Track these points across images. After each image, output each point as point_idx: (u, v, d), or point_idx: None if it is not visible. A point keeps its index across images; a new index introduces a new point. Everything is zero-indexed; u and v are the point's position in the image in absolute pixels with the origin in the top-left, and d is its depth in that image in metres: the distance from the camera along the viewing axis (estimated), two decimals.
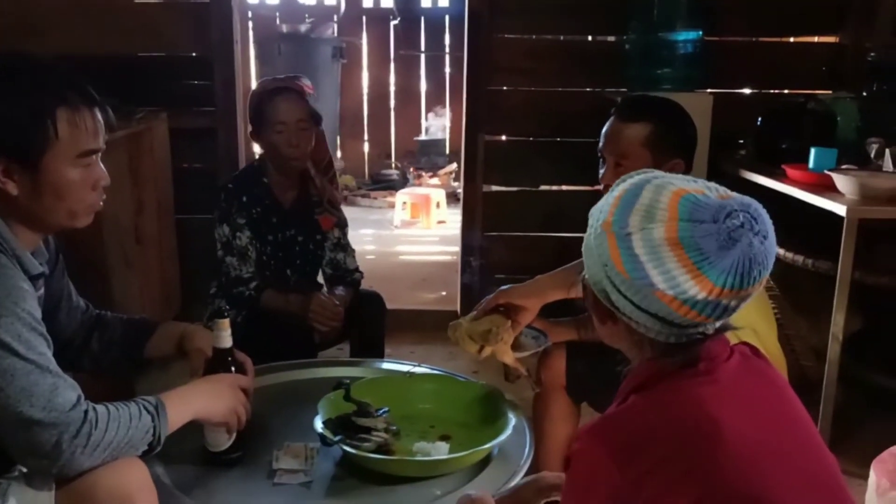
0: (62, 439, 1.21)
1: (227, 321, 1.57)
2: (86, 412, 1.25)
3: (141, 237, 2.88)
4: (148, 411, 1.33)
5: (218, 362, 1.57)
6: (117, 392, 1.38)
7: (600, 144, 1.90)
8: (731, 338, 1.06)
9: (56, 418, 1.21)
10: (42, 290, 1.44)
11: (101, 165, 1.40)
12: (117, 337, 1.66)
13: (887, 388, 2.84)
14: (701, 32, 3.12)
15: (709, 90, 3.19)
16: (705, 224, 0.93)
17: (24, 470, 1.30)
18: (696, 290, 0.93)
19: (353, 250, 2.65)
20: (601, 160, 1.94)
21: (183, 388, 1.47)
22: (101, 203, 1.43)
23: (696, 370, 0.99)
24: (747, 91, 3.57)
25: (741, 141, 3.19)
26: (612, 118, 1.90)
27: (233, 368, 1.58)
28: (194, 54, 3.39)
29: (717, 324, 1.00)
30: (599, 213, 1.03)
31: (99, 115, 1.37)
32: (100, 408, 1.28)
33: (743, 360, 1.05)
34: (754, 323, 1.73)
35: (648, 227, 0.95)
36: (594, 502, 0.94)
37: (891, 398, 2.82)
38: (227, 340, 1.57)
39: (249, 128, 2.50)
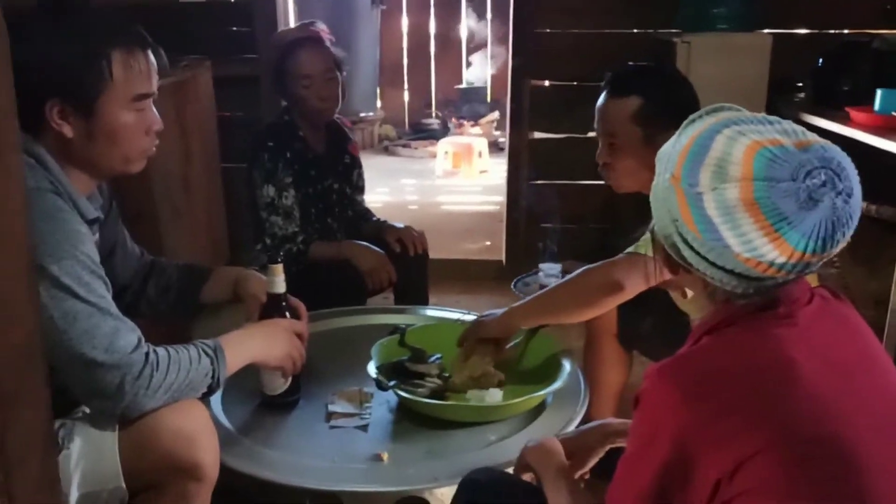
0: (125, 381, 1.23)
1: (280, 266, 1.57)
2: (147, 354, 1.26)
3: (189, 186, 2.89)
4: (207, 354, 1.34)
5: (272, 307, 1.58)
6: (173, 337, 1.39)
7: (595, 123, 1.82)
8: (811, 279, 1.01)
9: (118, 360, 1.23)
10: (97, 236, 1.45)
11: (154, 110, 1.39)
12: (173, 282, 1.67)
13: None
14: None
15: (767, 30, 3.06)
16: (784, 183, 0.87)
17: (88, 411, 1.32)
18: (775, 253, 0.88)
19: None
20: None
21: (239, 332, 1.48)
22: (154, 148, 1.43)
23: (774, 313, 0.95)
24: (805, 31, 3.42)
25: (800, 84, 3.07)
26: (603, 93, 1.80)
27: (287, 314, 1.58)
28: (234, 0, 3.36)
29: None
30: (667, 160, 0.97)
31: (152, 59, 1.36)
32: (160, 350, 1.29)
33: (823, 302, 1.01)
34: None
35: (721, 188, 0.89)
36: (661, 440, 0.92)
37: None
38: (280, 286, 1.57)
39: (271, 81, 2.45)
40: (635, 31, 3.40)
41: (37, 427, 0.79)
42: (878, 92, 2.46)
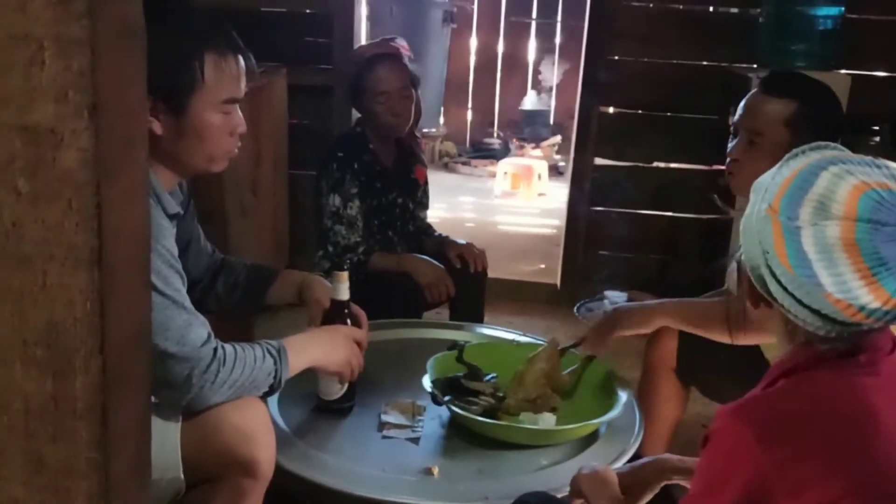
0: (193, 373, 1.26)
1: (345, 274, 1.60)
2: (215, 349, 1.30)
3: (257, 189, 2.96)
4: (271, 354, 1.37)
5: (335, 313, 1.60)
6: (238, 336, 1.42)
7: (736, 116, 1.80)
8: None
9: (188, 353, 1.26)
10: (175, 231, 1.50)
11: (240, 113, 1.43)
12: (241, 281, 1.71)
13: None
14: (843, 9, 2.92)
15: (844, 70, 3.01)
16: (888, 228, 0.85)
17: (155, 400, 1.36)
18: (869, 297, 0.87)
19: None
20: (732, 133, 1.84)
21: (302, 335, 1.51)
22: (237, 150, 1.47)
23: (856, 360, 0.93)
24: (885, 73, 3.34)
25: (876, 127, 3.00)
26: (754, 90, 1.78)
27: (348, 321, 1.61)
28: (312, 11, 3.44)
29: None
30: (765, 191, 0.96)
31: (242, 63, 1.40)
32: (228, 347, 1.32)
33: None
34: None
35: (821, 224, 0.87)
36: (733, 483, 0.89)
37: None
38: (344, 293, 1.60)
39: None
40: (706, 63, 3.38)
41: (138, 412, 0.83)
42: None
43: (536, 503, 1.26)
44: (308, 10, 3.46)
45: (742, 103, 1.79)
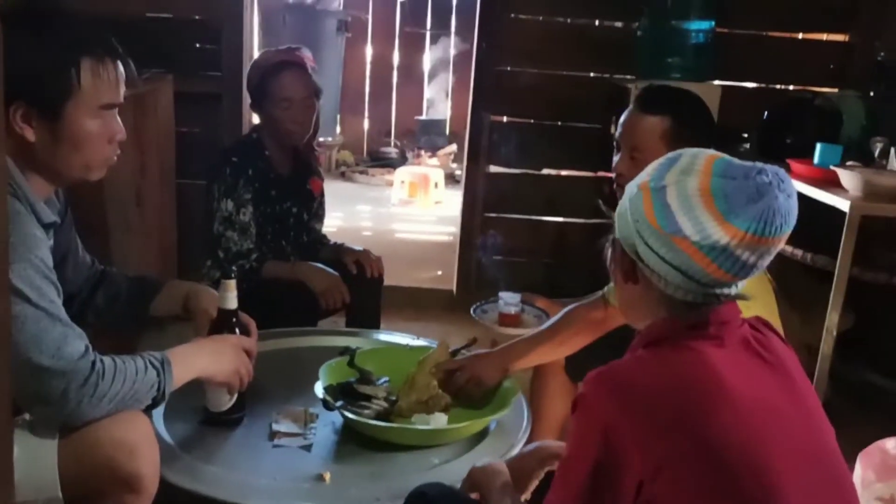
0: (69, 388, 1.22)
1: (233, 282, 1.57)
2: (93, 363, 1.25)
3: (142, 200, 2.86)
4: (154, 366, 1.34)
5: (222, 323, 1.58)
6: (120, 350, 1.38)
7: (617, 133, 1.88)
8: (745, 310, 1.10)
9: (64, 367, 1.22)
10: (51, 241, 1.44)
11: (119, 120, 1.40)
12: (122, 293, 1.66)
13: (875, 385, 2.88)
14: (713, 23, 3.11)
15: (717, 82, 3.20)
16: (737, 180, 1.00)
17: (29, 417, 1.30)
18: (722, 234, 0.99)
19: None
20: (615, 147, 1.92)
21: (188, 345, 1.48)
22: (115, 158, 1.43)
23: (705, 332, 1.04)
24: (754, 85, 3.58)
25: (745, 135, 3.20)
26: (631, 107, 1.87)
27: (237, 330, 1.59)
28: (200, 17, 3.36)
29: (733, 290, 1.05)
30: (636, 181, 1.09)
31: (121, 69, 1.37)
32: (107, 359, 1.28)
33: (753, 330, 1.09)
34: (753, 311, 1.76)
35: (683, 179, 1.02)
36: (593, 438, 0.98)
37: (878, 395, 2.86)
38: (232, 302, 1.58)
39: (249, 100, 2.49)
40: (592, 74, 3.52)
41: None
42: (818, 146, 2.59)
43: (431, 493, 1.29)
44: (196, 17, 3.38)
45: (621, 120, 1.87)
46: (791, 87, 3.53)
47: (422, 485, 1.32)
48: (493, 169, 3.62)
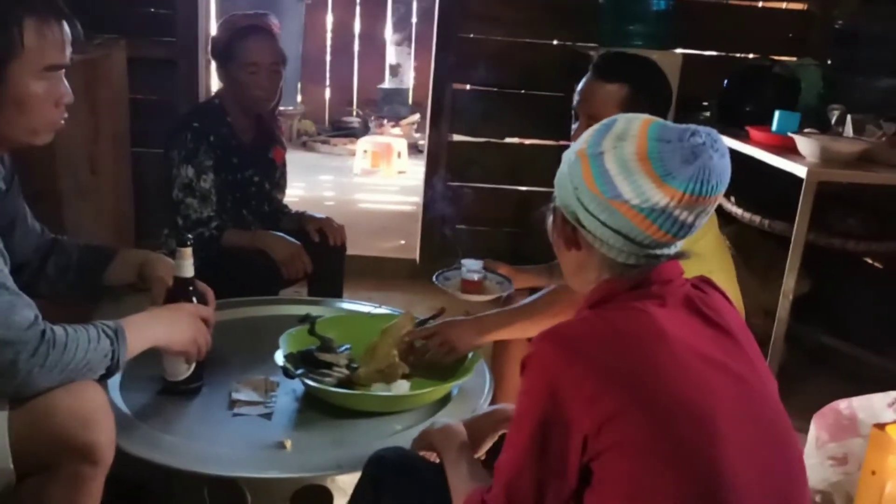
0: (19, 358, 1.19)
1: (189, 250, 1.54)
2: (43, 332, 1.22)
3: (96, 167, 2.79)
4: (107, 335, 1.31)
5: (179, 291, 1.55)
6: (76, 321, 1.34)
7: (575, 101, 1.87)
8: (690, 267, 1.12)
9: (13, 336, 1.18)
10: None
11: (66, 82, 1.35)
12: (74, 262, 1.62)
13: (830, 348, 2.95)
14: None
15: (678, 50, 3.20)
16: (672, 143, 1.02)
17: None
18: (661, 196, 1.01)
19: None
20: (573, 116, 1.90)
21: (143, 314, 1.45)
22: (62, 122, 1.38)
23: (648, 291, 1.06)
24: (714, 53, 3.59)
25: (705, 102, 3.22)
26: (588, 75, 1.84)
27: (194, 298, 1.56)
28: None
29: (672, 250, 1.07)
30: (574, 148, 1.10)
31: (67, 30, 1.32)
32: (58, 328, 1.25)
33: (695, 289, 1.11)
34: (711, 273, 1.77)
35: (620, 145, 1.03)
36: (540, 394, 1.00)
37: (833, 357, 2.93)
38: (188, 269, 1.55)
39: (213, 62, 2.42)
40: (555, 42, 3.51)
41: None
42: (777, 113, 2.61)
43: (390, 456, 1.29)
44: None
45: (578, 88, 1.85)
46: (751, 56, 3.55)
47: (381, 449, 1.32)
48: (456, 137, 3.60)
